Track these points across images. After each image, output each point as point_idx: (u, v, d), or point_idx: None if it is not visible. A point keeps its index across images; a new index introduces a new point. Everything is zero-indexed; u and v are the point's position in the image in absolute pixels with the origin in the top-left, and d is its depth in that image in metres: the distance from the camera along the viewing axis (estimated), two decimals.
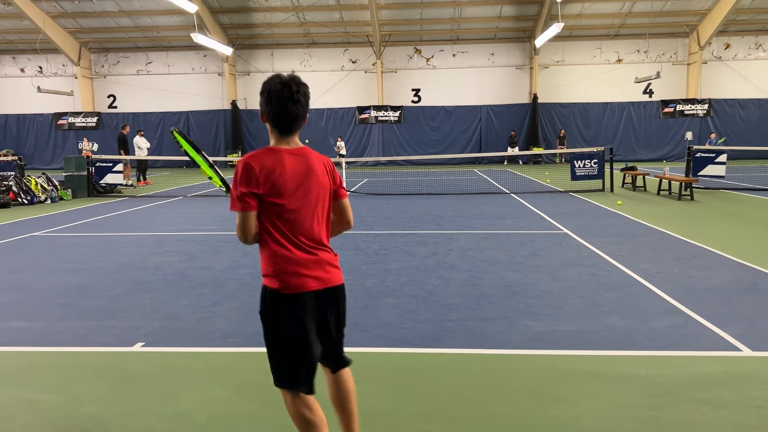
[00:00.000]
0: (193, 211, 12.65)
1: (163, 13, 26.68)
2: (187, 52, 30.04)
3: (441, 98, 29.45)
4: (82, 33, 28.78)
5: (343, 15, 27.08)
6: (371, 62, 29.41)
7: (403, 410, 3.44)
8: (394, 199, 14.26)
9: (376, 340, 4.57)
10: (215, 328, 4.93)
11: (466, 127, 29.29)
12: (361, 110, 29.42)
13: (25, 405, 3.55)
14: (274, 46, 29.75)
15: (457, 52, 29.42)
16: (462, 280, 6.37)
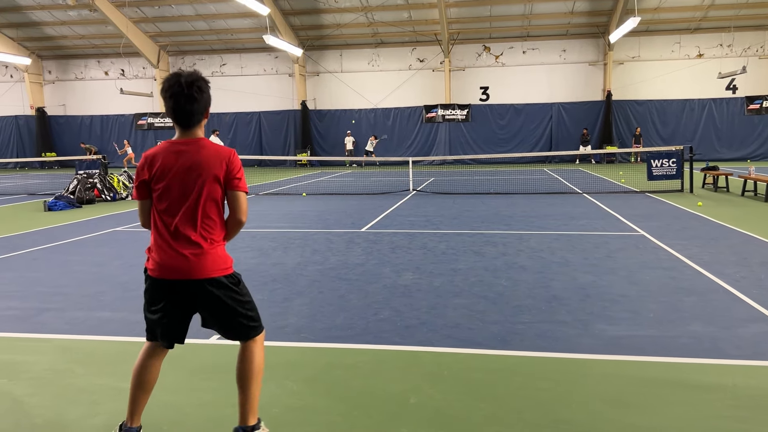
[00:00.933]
0: (264, 209, 12.97)
1: (236, 16, 27.49)
2: (259, 54, 30.83)
3: (510, 96, 29.00)
4: (161, 37, 30.04)
5: (411, 14, 27.09)
6: (439, 61, 29.29)
7: (473, 411, 3.40)
8: (461, 199, 14.15)
9: (445, 340, 4.54)
10: (287, 323, 5.03)
11: (536, 125, 28.72)
12: (428, 109, 29.35)
13: (111, 391, 3.73)
14: (342, 47, 30.10)
15: (528, 49, 28.88)
16: (533, 281, 6.24)
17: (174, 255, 2.79)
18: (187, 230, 2.79)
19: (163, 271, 2.81)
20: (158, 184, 2.79)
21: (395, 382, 3.79)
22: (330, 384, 3.80)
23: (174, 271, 2.80)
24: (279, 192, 16.81)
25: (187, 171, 2.79)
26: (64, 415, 3.41)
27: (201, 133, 2.92)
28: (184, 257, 2.79)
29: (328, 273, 6.80)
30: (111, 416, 3.39)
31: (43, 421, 3.35)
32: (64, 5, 27.13)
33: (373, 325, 4.93)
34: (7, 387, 3.83)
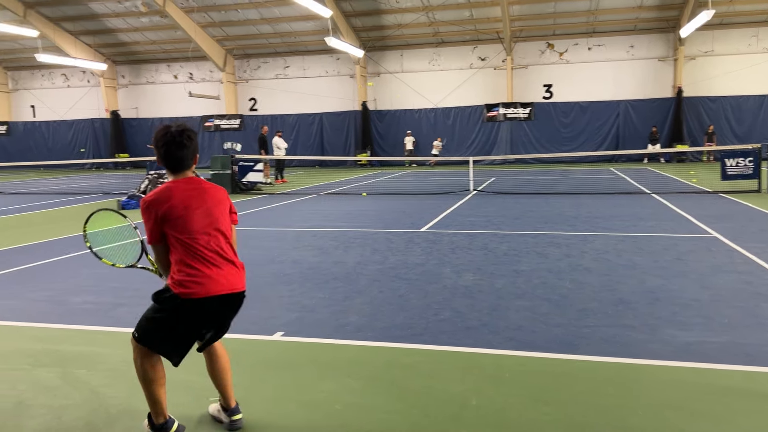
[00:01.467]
0: (325, 208, 13.16)
1: (299, 19, 27.97)
2: (322, 56, 31.25)
3: (575, 94, 28.30)
4: (227, 41, 30.91)
5: (473, 12, 26.85)
6: (501, 59, 28.90)
7: (536, 415, 3.34)
8: (523, 199, 13.93)
9: (507, 343, 4.48)
10: (348, 321, 5.09)
11: (601, 124, 27.91)
12: (489, 108, 29.01)
13: (180, 385, 3.86)
14: (403, 47, 30.15)
15: (593, 46, 28.11)
16: (598, 284, 6.08)
17: (227, 270, 3.09)
18: (224, 249, 3.11)
19: (217, 287, 3.04)
20: (177, 219, 3.03)
21: (456, 383, 3.77)
22: (390, 383, 3.82)
23: (229, 285, 3.08)
24: (340, 192, 17.00)
25: (205, 199, 3.12)
26: (136, 406, 3.56)
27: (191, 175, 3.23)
28: (235, 271, 3.13)
29: (388, 272, 6.83)
30: (177, 407, 3.51)
31: (117, 411, 3.51)
32: (137, 12, 28.31)
33: (434, 325, 4.92)
34: (86, 377, 4.03)
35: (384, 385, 3.78)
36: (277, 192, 17.30)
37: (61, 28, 30.14)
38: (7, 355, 4.45)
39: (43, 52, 28.04)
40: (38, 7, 28.42)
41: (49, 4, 28.14)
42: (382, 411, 3.43)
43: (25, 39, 29.92)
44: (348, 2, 26.80)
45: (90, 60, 31.11)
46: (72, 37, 30.88)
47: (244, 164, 17.71)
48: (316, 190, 17.46)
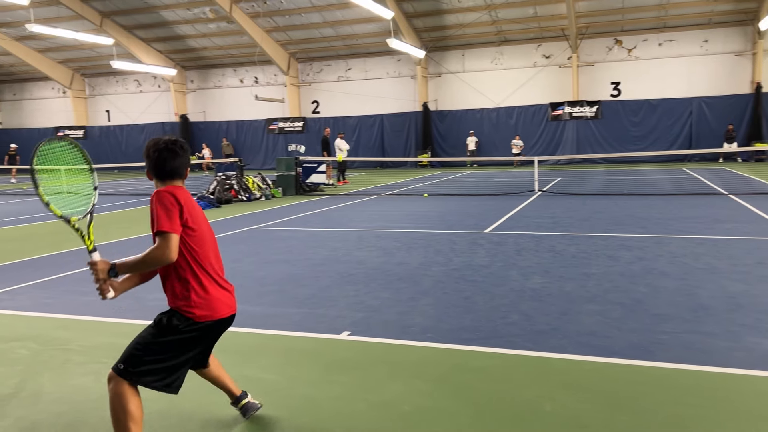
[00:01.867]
0: (387, 209, 13.18)
1: (361, 21, 28.17)
2: (383, 58, 31.38)
3: (644, 91, 27.32)
4: (291, 44, 31.49)
5: (537, 10, 26.34)
6: (566, 56, 28.23)
7: (613, 423, 3.22)
8: (590, 200, 13.54)
9: (580, 348, 4.35)
10: (413, 323, 5.06)
11: (673, 122, 26.82)
12: (554, 107, 28.39)
13: (250, 382, 3.94)
14: (465, 47, 29.90)
15: (664, 41, 27.07)
16: (674, 288, 5.83)
17: (227, 292, 2.99)
18: (221, 270, 3.02)
19: (224, 309, 2.95)
20: (195, 228, 2.88)
21: (527, 388, 3.69)
22: (459, 386, 3.77)
23: (230, 307, 3.00)
24: (401, 193, 17.01)
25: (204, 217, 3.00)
26: (211, 401, 3.65)
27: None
28: (230, 293, 3.02)
29: (452, 274, 6.77)
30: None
31: (192, 406, 3.61)
32: (206, 19, 29.22)
33: (502, 328, 4.83)
34: None
35: (453, 388, 3.73)
36: (339, 193, 17.47)
37: (135, 35, 31.45)
38: (90, 349, 4.65)
39: (118, 59, 29.34)
40: (113, 16, 29.76)
41: (123, 13, 29.42)
42: (452, 414, 3.39)
43: (101, 47, 31.37)
44: (409, 3, 26.79)
45: (161, 66, 32.34)
46: (144, 44, 32.18)
47: (307, 166, 17.99)
48: (377, 191, 17.54)
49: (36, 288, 6.70)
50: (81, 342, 4.83)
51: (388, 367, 4.11)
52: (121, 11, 29.28)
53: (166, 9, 28.68)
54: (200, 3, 27.74)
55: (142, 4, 28.46)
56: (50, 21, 28.48)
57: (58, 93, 38.15)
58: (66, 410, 3.57)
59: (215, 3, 26.58)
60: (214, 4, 27.07)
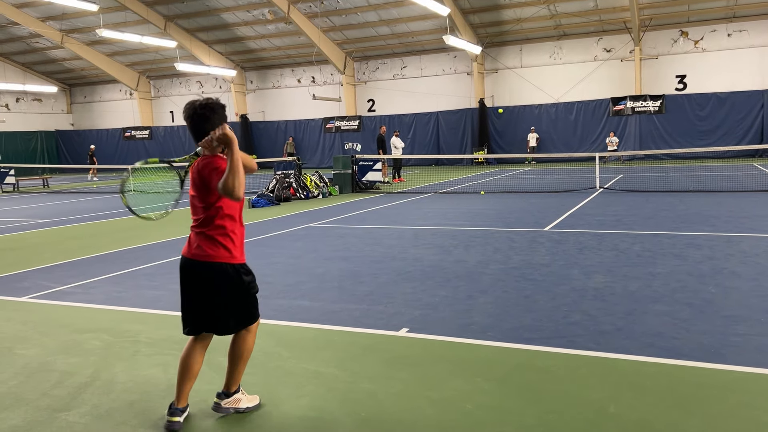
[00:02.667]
0: (443, 207, 13.12)
1: (417, 19, 28.12)
2: (438, 55, 31.23)
3: (712, 84, 26.20)
4: (347, 44, 31.74)
5: (597, 2, 25.64)
6: (628, 50, 27.38)
7: (682, 427, 3.10)
8: (654, 197, 13.10)
9: (646, 349, 4.21)
10: (473, 321, 5.02)
11: (743, 116, 25.60)
12: (615, 101, 27.58)
13: (312, 375, 4.00)
14: (522, 42, 29.42)
15: (733, 31, 25.88)
16: (747, 289, 5.57)
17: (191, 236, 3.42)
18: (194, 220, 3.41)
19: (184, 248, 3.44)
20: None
21: (592, 389, 3.60)
22: (522, 386, 3.72)
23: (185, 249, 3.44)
24: (457, 190, 16.90)
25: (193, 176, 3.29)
26: (275, 394, 3.73)
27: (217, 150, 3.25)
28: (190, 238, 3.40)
29: (511, 272, 6.68)
30: (314, 399, 3.63)
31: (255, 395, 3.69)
32: (264, 20, 29.80)
33: (564, 328, 4.74)
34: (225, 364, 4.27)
35: (516, 388, 3.69)
36: (395, 191, 17.51)
37: (197, 38, 32.39)
38: (158, 342, 4.83)
39: (181, 62, 30.29)
40: (177, 19, 30.73)
41: (186, 16, 30.35)
42: (515, 413, 3.35)
43: (166, 50, 32.45)
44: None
45: (222, 67, 33.19)
46: (206, 46, 33.09)
47: (363, 164, 18.10)
48: (432, 189, 17.48)
49: (107, 282, 7.00)
50: (149, 334, 5.01)
51: (448, 365, 4.10)
52: (184, 15, 30.20)
53: (227, 11, 29.39)
54: (259, 5, 28.30)
55: (204, 8, 29.27)
56: (118, 26, 29.70)
57: (125, 95, 39.69)
58: (137, 399, 3.72)
59: (274, 4, 27.06)
60: (272, 6, 27.57)
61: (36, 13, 30.79)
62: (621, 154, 25.32)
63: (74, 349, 4.70)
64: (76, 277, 7.28)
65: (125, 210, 15.64)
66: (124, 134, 39.25)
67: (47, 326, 5.37)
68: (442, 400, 3.55)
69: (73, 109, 41.94)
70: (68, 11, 28.98)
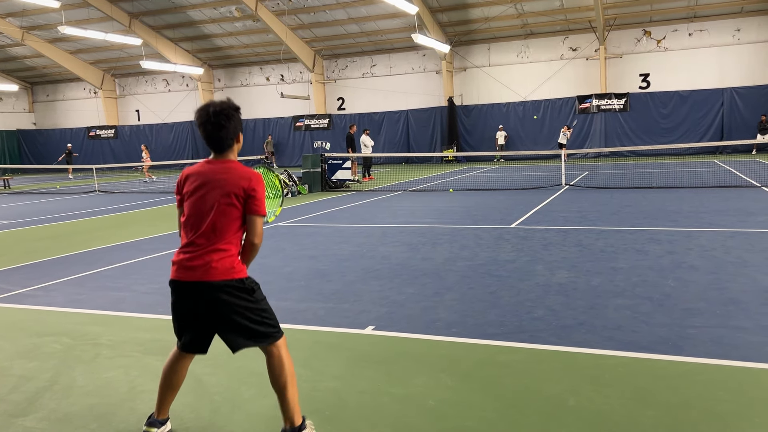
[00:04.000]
0: (412, 205, 13.17)
1: (386, 17, 28.15)
2: (408, 53, 31.32)
3: (674, 82, 26.81)
4: (316, 42, 31.61)
5: (563, 2, 26.01)
6: (593, 48, 27.84)
7: (639, 418, 3.18)
8: (619, 193, 13.35)
9: (606, 342, 4.30)
10: (438, 318, 5.06)
11: (704, 113, 26.26)
12: (581, 100, 28.02)
13: None
14: (490, 40, 29.68)
15: (694, 31, 26.51)
16: (705, 282, 5.72)
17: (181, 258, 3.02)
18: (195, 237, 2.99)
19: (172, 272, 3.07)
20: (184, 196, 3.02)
21: (552, 383, 3.66)
22: (484, 380, 3.76)
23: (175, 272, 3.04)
24: (426, 188, 16.97)
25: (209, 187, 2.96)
26: (239, 395, 3.70)
27: (233, 157, 3.07)
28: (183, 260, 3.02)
29: (477, 269, 6.74)
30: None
31: (221, 399, 3.66)
32: (232, 17, 29.49)
33: (527, 323, 4.80)
34: (190, 366, 4.22)
35: (478, 383, 3.73)
36: (364, 189, 17.51)
37: (162, 35, 31.90)
38: (120, 344, 4.75)
39: (147, 59, 29.80)
40: (142, 16, 30.22)
41: (151, 13, 29.86)
42: (477, 408, 3.38)
43: (131, 47, 31.90)
44: None
45: (188, 65, 32.76)
46: (172, 43, 32.61)
47: (333, 162, 18.05)
48: (402, 187, 17.53)
49: (68, 284, 6.86)
50: (111, 337, 4.93)
51: (412, 362, 4.12)
52: (149, 12, 29.71)
53: (193, 9, 29.02)
54: (226, 2, 28.01)
55: (170, 5, 28.85)
56: (81, 23, 29.07)
57: (89, 93, 38.91)
58: (97, 403, 3.66)
59: (241, 2, 26.81)
60: (239, 3, 27.31)
61: None
62: (587, 151, 25.72)
63: (33, 353, 4.60)
64: (37, 280, 7.13)
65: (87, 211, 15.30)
66: (89, 133, 38.48)
67: (5, 330, 5.24)
68: (405, 396, 3.57)
69: (36, 108, 40.97)
70: (29, 8, 28.26)
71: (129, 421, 3.42)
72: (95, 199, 17.96)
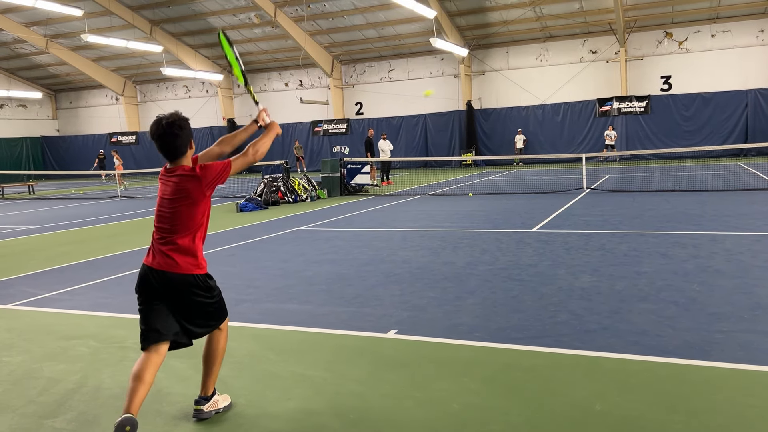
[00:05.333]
0: (431, 209, 13.16)
1: (404, 22, 28.19)
2: (426, 57, 31.33)
3: (696, 84, 26.47)
4: (334, 47, 31.75)
5: (582, 4, 25.85)
6: (614, 51, 27.61)
7: (667, 424, 3.14)
8: (641, 197, 13.21)
9: (631, 347, 4.26)
10: (461, 322, 5.05)
11: (728, 115, 25.89)
12: (601, 102, 27.79)
13: (300, 378, 4.00)
14: (509, 44, 29.57)
15: (717, 32, 26.17)
16: (731, 287, 5.64)
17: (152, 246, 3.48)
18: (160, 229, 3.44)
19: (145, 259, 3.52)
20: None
21: (578, 388, 3.63)
22: (509, 385, 3.74)
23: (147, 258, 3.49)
24: (445, 192, 16.95)
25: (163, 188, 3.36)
26: (262, 397, 3.73)
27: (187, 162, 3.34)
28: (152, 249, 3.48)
29: (499, 273, 6.71)
30: (301, 401, 3.63)
31: (245, 401, 3.69)
32: (251, 24, 29.76)
33: (550, 327, 4.77)
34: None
35: (503, 387, 3.71)
36: (383, 193, 17.53)
37: (183, 42, 32.27)
38: None
39: (167, 66, 30.17)
40: (162, 24, 30.61)
41: (171, 21, 30.24)
42: (502, 413, 3.37)
43: (152, 54, 32.32)
44: (452, 2, 26.66)
45: (208, 71, 33.11)
46: (192, 50, 32.98)
47: (351, 167, 18.11)
48: (421, 191, 17.52)
49: (94, 288, 6.97)
50: (136, 340, 4.97)
51: (435, 366, 4.12)
52: (170, 19, 30.09)
53: (213, 15, 29.32)
54: (246, 8, 28.26)
55: (190, 12, 29.19)
56: (103, 31, 29.53)
57: (111, 100, 39.47)
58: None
59: (260, 8, 27.02)
60: (259, 9, 27.54)
61: (19, 19, 30.56)
62: (607, 155, 25.47)
63: (60, 356, 4.67)
64: (63, 284, 7.24)
65: (111, 216, 15.45)
66: (111, 140, 39.01)
67: (33, 333, 5.33)
68: (429, 400, 3.56)
69: (59, 115, 41.65)
70: (52, 16, 28.79)
71: (155, 422, 3.46)
72: (118, 204, 18.20)
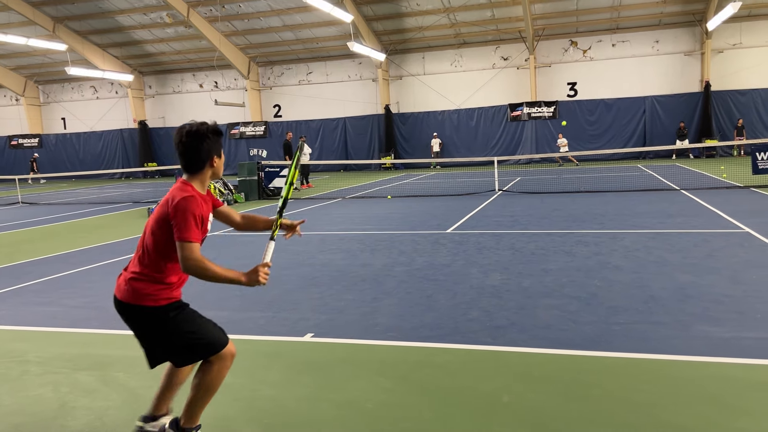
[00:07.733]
0: (351, 212, 13.23)
1: (321, 25, 28.18)
2: (344, 61, 31.44)
3: (599, 91, 28.02)
4: (250, 48, 31.28)
5: (494, 12, 26.78)
6: (524, 58, 28.76)
7: (567, 412, 3.34)
8: (549, 198, 13.84)
9: (535, 341, 4.48)
10: (377, 323, 5.13)
11: (628, 120, 27.57)
12: (513, 107, 28.87)
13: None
14: (425, 49, 30.18)
15: (617, 42, 27.81)
16: (628, 281, 6.03)
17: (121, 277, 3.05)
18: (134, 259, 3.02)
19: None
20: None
21: (486, 381, 3.80)
22: (421, 382, 3.86)
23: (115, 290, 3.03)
24: (365, 195, 17.08)
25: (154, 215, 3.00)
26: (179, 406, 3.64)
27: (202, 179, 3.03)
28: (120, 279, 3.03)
29: (415, 274, 6.86)
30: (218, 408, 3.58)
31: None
32: (163, 23, 28.82)
33: (462, 325, 4.94)
34: (124, 380, 4.13)
35: (415, 385, 3.82)
36: (303, 197, 17.44)
37: (89, 41, 30.81)
38: (48, 360, 4.58)
39: (73, 66, 28.71)
40: (66, 21, 29.11)
41: (77, 18, 28.80)
42: (414, 409, 3.47)
43: (55, 53, 30.67)
44: (369, 6, 26.92)
45: (117, 71, 31.77)
46: (100, 49, 31.55)
47: (270, 170, 17.90)
48: (341, 194, 17.57)
49: None
50: (38, 353, 4.75)
51: (351, 367, 4.18)
52: (75, 16, 28.66)
53: (122, 14, 28.19)
54: (157, 7, 27.35)
55: (96, 9, 27.93)
56: (1, 27, 27.72)
57: (10, 101, 37.10)
58: (24, 421, 3.53)
59: (172, 7, 26.23)
60: (171, 9, 26.71)
61: None
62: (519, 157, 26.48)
63: None
64: None
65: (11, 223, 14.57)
66: (11, 142, 36.67)
67: None
68: (344, 401, 3.62)
69: None
70: None
71: None
72: (19, 211, 17.15)
